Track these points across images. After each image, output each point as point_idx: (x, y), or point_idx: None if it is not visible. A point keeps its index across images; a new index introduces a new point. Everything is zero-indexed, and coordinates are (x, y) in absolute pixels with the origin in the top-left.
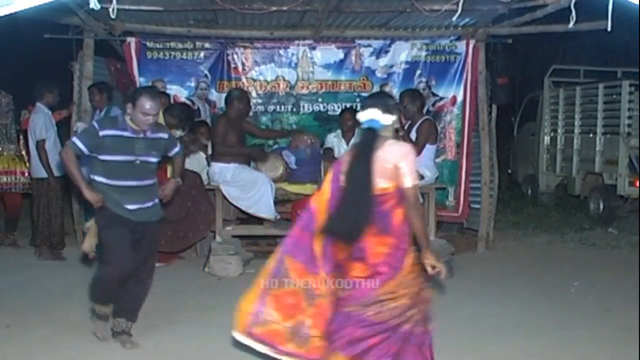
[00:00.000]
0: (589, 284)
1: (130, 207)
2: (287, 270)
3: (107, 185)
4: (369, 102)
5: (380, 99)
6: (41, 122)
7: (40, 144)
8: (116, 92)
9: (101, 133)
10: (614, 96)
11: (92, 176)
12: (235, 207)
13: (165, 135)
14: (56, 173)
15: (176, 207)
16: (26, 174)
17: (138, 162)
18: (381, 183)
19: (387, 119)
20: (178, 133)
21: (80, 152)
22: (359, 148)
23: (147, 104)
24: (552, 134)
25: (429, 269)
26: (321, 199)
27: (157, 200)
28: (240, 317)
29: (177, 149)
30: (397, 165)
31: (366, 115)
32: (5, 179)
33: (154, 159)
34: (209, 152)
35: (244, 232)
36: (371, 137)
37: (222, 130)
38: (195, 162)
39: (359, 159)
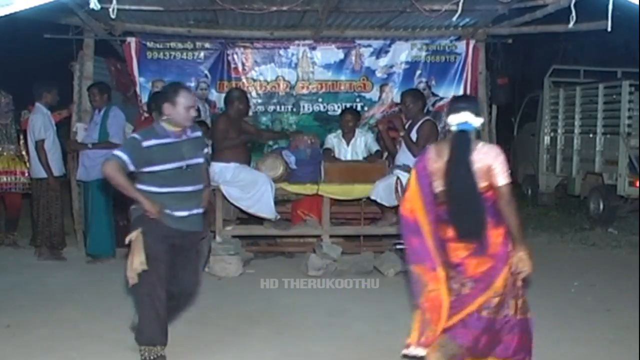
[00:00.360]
0: (589, 284)
1: (181, 214)
2: (421, 276)
3: (156, 193)
4: (460, 105)
5: (471, 102)
6: (40, 122)
7: (39, 144)
8: (116, 92)
9: (144, 144)
10: (614, 96)
11: (138, 185)
12: (235, 207)
13: (200, 133)
14: (55, 173)
15: None
16: (26, 174)
17: (186, 166)
18: (480, 182)
19: (478, 122)
20: None
21: (125, 166)
22: (457, 151)
23: (187, 96)
24: (552, 134)
25: (519, 264)
26: (416, 201)
27: (202, 208)
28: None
29: (206, 149)
30: (491, 165)
31: (459, 118)
32: (5, 179)
33: (201, 160)
34: (209, 152)
35: (244, 232)
36: (466, 140)
37: (222, 128)
38: None
39: (459, 161)
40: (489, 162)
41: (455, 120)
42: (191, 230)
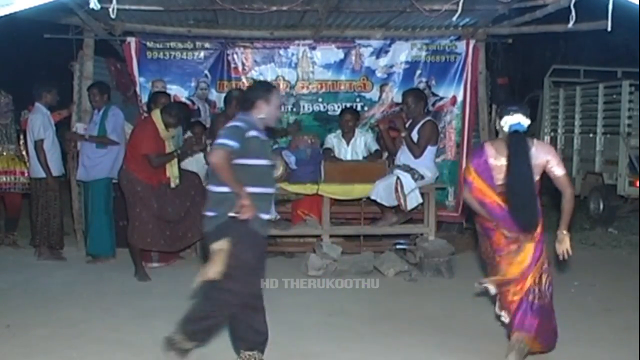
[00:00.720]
0: (589, 284)
1: (266, 218)
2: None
3: (250, 193)
4: (513, 108)
5: (522, 106)
6: (39, 122)
7: (38, 144)
8: (116, 92)
9: (248, 134)
10: (614, 96)
11: (221, 187)
12: None
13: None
14: (54, 173)
15: (176, 207)
16: (26, 174)
17: (271, 166)
18: (535, 177)
19: (528, 123)
20: (174, 132)
21: (231, 149)
22: (517, 149)
23: (279, 96)
24: (552, 134)
25: (561, 247)
26: (485, 188)
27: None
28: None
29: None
30: (548, 159)
31: (513, 120)
32: (5, 179)
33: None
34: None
35: None
36: (523, 139)
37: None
38: (195, 162)
39: (520, 159)
40: (546, 157)
41: (509, 121)
42: (266, 235)
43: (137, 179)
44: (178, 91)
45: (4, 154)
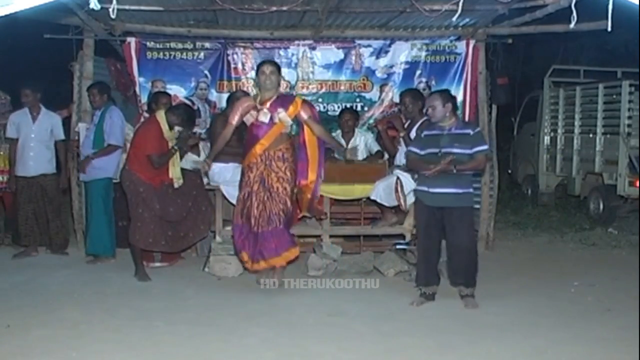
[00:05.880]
0: (589, 284)
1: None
2: None
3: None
4: None
5: None
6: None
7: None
8: (116, 92)
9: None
10: (614, 96)
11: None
12: None
13: None
14: (17, 173)
15: (177, 207)
16: None
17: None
18: None
19: None
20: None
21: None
22: None
23: None
24: (552, 134)
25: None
26: None
27: None
28: None
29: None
30: None
31: None
32: (3, 179)
33: None
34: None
35: None
36: None
37: (222, 130)
38: (185, 161)
39: None
40: None
41: None
42: None
43: (140, 179)
44: (178, 91)
45: (2, 153)
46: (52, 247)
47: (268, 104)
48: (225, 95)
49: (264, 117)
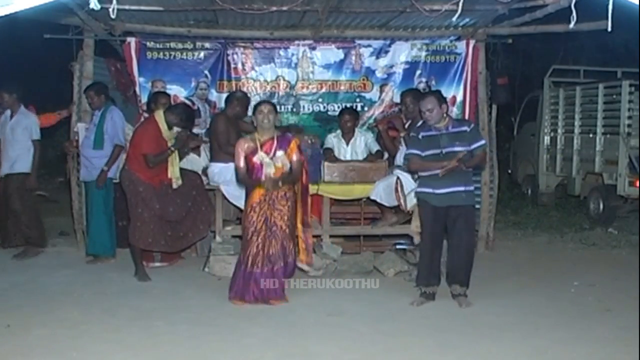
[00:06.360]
0: (589, 284)
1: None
2: None
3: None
4: None
5: None
6: None
7: None
8: (116, 92)
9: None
10: (614, 96)
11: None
12: (235, 207)
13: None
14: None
15: (177, 207)
16: None
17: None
18: None
19: None
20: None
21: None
22: None
23: None
24: (552, 134)
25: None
26: None
27: None
28: None
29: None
30: None
31: None
32: None
33: None
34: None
35: None
36: None
37: (223, 129)
38: (188, 162)
39: None
40: None
41: None
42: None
43: (139, 179)
44: (178, 91)
45: None
46: (29, 242)
47: (270, 152)
48: (225, 95)
49: (270, 169)
